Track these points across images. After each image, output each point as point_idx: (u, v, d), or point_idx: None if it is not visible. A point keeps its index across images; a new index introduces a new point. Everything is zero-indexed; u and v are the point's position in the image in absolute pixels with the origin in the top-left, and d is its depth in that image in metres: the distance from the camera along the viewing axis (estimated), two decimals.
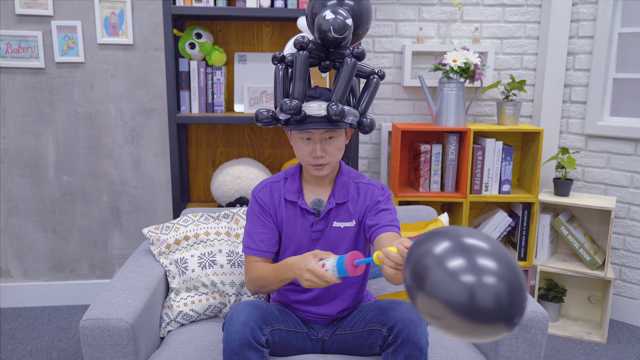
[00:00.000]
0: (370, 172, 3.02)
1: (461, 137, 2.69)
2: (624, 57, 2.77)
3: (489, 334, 1.00)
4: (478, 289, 0.97)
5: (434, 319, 1.04)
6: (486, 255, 1.01)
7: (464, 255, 1.01)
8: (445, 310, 1.00)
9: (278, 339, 1.57)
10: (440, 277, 1.00)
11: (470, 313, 0.97)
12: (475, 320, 0.98)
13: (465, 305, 0.97)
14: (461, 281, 0.98)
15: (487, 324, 0.98)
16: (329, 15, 1.51)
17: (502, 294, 0.97)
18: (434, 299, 1.01)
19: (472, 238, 1.05)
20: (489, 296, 0.97)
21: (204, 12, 2.46)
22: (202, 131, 2.83)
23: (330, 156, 1.56)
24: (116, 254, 2.95)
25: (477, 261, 1.00)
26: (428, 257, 1.05)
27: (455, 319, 0.99)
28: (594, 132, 2.83)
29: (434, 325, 1.06)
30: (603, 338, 2.63)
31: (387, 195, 1.67)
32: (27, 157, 2.81)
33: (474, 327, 0.99)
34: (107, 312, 1.55)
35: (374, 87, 1.58)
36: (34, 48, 2.70)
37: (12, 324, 2.72)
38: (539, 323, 1.63)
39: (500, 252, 1.03)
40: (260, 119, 1.54)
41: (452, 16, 2.89)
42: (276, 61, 1.59)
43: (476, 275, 0.98)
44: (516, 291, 0.99)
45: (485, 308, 0.97)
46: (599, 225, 2.83)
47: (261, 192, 1.68)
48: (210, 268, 1.86)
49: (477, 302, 0.97)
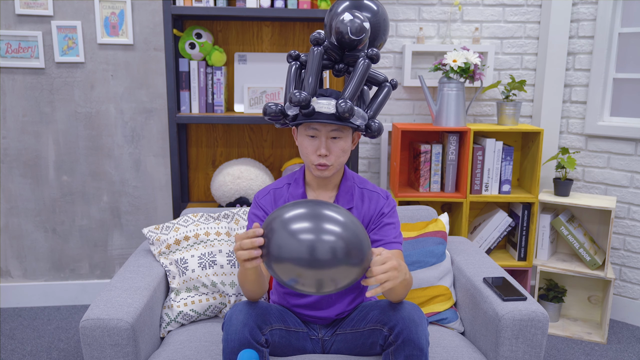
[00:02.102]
0: (370, 172, 3.02)
1: (461, 137, 2.69)
2: (624, 57, 2.77)
3: (341, 276, 1.26)
4: (316, 244, 1.23)
5: (295, 283, 1.26)
6: (329, 222, 1.26)
7: (308, 221, 1.26)
8: (295, 267, 1.24)
9: (278, 338, 1.57)
10: (285, 239, 1.25)
11: (312, 263, 1.23)
12: (320, 267, 1.23)
13: (307, 258, 1.23)
14: (301, 239, 1.24)
15: (331, 268, 1.23)
16: (347, 17, 1.53)
17: (338, 247, 1.24)
18: (283, 261, 1.25)
19: (323, 209, 1.29)
20: (326, 249, 1.23)
21: (204, 12, 2.46)
22: (202, 131, 2.83)
23: (335, 157, 1.55)
24: (116, 254, 2.95)
25: (319, 225, 1.25)
26: (276, 222, 1.29)
27: (306, 271, 1.23)
28: (594, 132, 2.83)
29: (299, 289, 1.28)
30: (603, 338, 2.63)
31: (391, 205, 1.67)
32: (27, 157, 2.81)
33: (323, 273, 1.23)
34: (107, 312, 1.55)
35: (385, 94, 1.59)
36: (34, 48, 2.70)
37: (12, 324, 2.72)
38: (539, 323, 1.63)
39: (345, 221, 1.28)
40: (268, 112, 1.53)
41: (452, 16, 2.89)
42: (291, 59, 1.60)
43: (315, 235, 1.24)
44: (353, 245, 1.26)
45: (324, 258, 1.23)
46: (599, 225, 2.83)
47: (264, 199, 1.67)
48: (210, 268, 1.86)
49: (316, 254, 1.23)
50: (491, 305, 1.70)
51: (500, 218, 2.79)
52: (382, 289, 1.32)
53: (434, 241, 2.01)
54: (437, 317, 1.92)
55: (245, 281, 1.51)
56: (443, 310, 1.93)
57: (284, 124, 1.58)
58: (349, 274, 1.27)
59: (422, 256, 1.96)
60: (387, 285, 1.32)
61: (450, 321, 1.92)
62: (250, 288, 1.52)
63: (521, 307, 1.65)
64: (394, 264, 1.34)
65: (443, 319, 1.92)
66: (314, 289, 1.27)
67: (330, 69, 1.64)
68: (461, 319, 1.94)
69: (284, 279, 1.29)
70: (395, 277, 1.33)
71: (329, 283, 1.26)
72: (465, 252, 2.12)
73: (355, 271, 1.28)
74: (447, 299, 1.95)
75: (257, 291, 1.54)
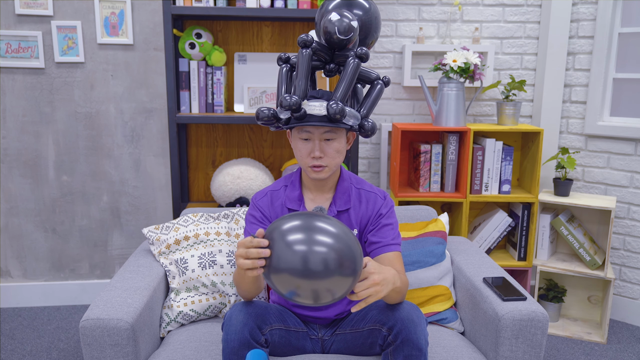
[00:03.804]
0: (370, 172, 3.02)
1: (461, 137, 2.69)
2: (624, 57, 2.77)
3: (336, 286, 1.26)
4: (309, 255, 1.24)
5: (294, 295, 1.28)
6: (322, 234, 1.27)
7: (303, 233, 1.27)
8: (292, 278, 1.25)
9: (278, 338, 1.57)
10: (282, 251, 1.27)
11: (306, 274, 1.24)
12: (314, 278, 1.24)
13: (301, 269, 1.24)
14: (295, 250, 1.25)
15: (324, 279, 1.24)
16: (335, 17, 1.52)
17: (330, 259, 1.25)
18: (281, 272, 1.26)
19: (316, 221, 1.30)
20: (318, 260, 1.24)
21: (204, 12, 2.46)
22: (202, 131, 2.83)
23: (330, 158, 1.55)
24: (116, 254, 2.96)
25: (312, 237, 1.26)
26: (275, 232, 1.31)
27: (301, 282, 1.25)
28: (594, 132, 2.83)
29: (298, 301, 1.29)
30: (603, 338, 2.63)
31: (389, 206, 1.66)
32: (27, 157, 2.81)
33: (317, 284, 1.25)
34: (107, 312, 1.55)
35: (378, 92, 1.57)
36: (34, 48, 2.70)
37: (12, 324, 2.72)
38: (539, 323, 1.63)
39: (339, 233, 1.29)
40: (261, 117, 1.52)
41: (452, 16, 2.89)
42: (281, 62, 1.59)
43: (307, 246, 1.25)
44: (345, 257, 1.26)
45: (317, 269, 1.24)
46: (599, 225, 2.83)
47: (262, 201, 1.67)
48: (210, 268, 1.86)
49: (309, 265, 1.24)
50: (491, 305, 1.70)
51: (500, 218, 2.79)
52: (365, 304, 1.34)
53: (433, 241, 2.01)
54: (437, 317, 1.92)
55: (241, 282, 1.52)
56: (443, 310, 1.93)
57: (278, 127, 1.57)
58: (344, 284, 1.28)
59: (422, 256, 1.96)
60: (370, 300, 1.34)
61: (450, 321, 1.92)
62: (247, 288, 1.53)
63: (521, 307, 1.65)
64: (375, 280, 1.34)
65: (443, 319, 1.92)
66: (311, 300, 1.28)
67: (321, 69, 1.62)
68: (461, 319, 1.94)
69: (282, 291, 1.30)
70: (378, 291, 1.35)
71: (326, 294, 1.27)
72: (465, 252, 2.12)
73: (349, 281, 1.29)
74: (447, 299, 1.95)
75: (253, 292, 1.55)
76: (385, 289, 1.37)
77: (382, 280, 1.37)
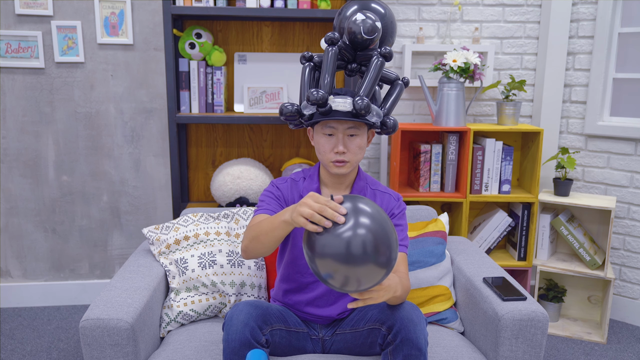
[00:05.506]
0: (370, 172, 3.02)
1: (461, 137, 2.69)
2: (624, 57, 2.77)
3: (369, 274, 1.25)
4: (352, 238, 1.23)
5: (331, 279, 1.27)
6: (365, 216, 1.26)
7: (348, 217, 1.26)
8: (334, 263, 1.24)
9: (278, 338, 1.57)
10: (327, 239, 1.26)
11: (347, 259, 1.23)
12: (353, 263, 1.23)
13: (344, 253, 1.23)
14: (342, 236, 1.24)
15: (361, 265, 1.23)
16: (360, 17, 1.57)
17: (368, 241, 1.23)
18: (325, 257, 1.25)
19: (361, 204, 1.29)
20: (358, 243, 1.23)
21: (204, 12, 2.46)
22: (202, 131, 2.83)
23: (352, 154, 1.58)
24: (116, 254, 2.96)
25: (357, 220, 1.25)
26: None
27: (341, 267, 1.23)
28: (594, 132, 2.83)
29: (333, 285, 1.28)
30: (603, 338, 2.63)
31: (402, 208, 1.69)
32: (27, 157, 2.81)
33: (354, 270, 1.23)
34: (107, 312, 1.55)
35: (399, 91, 1.63)
36: (33, 48, 2.70)
37: (12, 324, 2.72)
38: (539, 323, 1.63)
39: (378, 216, 1.28)
40: (285, 112, 1.56)
41: (452, 16, 2.89)
42: (304, 60, 1.63)
43: (352, 230, 1.24)
44: (381, 241, 1.25)
45: (356, 253, 1.22)
46: (599, 225, 2.83)
47: (283, 185, 1.69)
48: (210, 268, 1.86)
49: (351, 249, 1.23)
50: (491, 305, 1.70)
51: (500, 218, 2.79)
52: (363, 303, 1.36)
53: (433, 241, 2.01)
54: (436, 317, 1.92)
55: (268, 233, 1.43)
56: (443, 310, 1.93)
57: (299, 124, 1.61)
58: (375, 275, 1.26)
59: (422, 256, 1.96)
60: (369, 302, 1.36)
61: (450, 321, 1.92)
62: (264, 241, 1.45)
63: (521, 307, 1.65)
64: (379, 285, 1.37)
65: (443, 318, 1.92)
66: (339, 285, 1.27)
67: (343, 69, 1.67)
68: (461, 318, 1.94)
69: (321, 271, 1.28)
70: (380, 296, 1.36)
71: (354, 282, 1.26)
72: (465, 252, 2.12)
73: (381, 273, 1.27)
74: (447, 298, 1.95)
75: (264, 250, 1.47)
76: (386, 295, 1.39)
77: (387, 286, 1.40)
